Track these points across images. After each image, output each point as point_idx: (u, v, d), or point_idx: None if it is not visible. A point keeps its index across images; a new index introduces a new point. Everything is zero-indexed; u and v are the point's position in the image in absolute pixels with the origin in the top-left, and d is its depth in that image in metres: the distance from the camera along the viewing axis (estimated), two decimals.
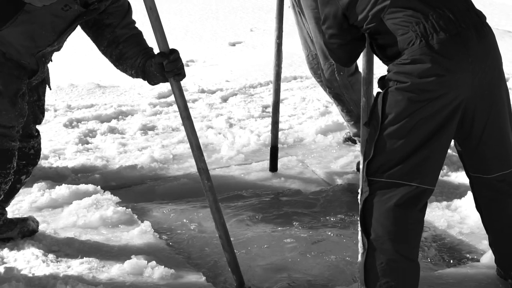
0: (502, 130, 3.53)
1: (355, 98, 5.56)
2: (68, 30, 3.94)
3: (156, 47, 3.88)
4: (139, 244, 4.36)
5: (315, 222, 4.81)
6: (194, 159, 3.93)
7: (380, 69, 3.92)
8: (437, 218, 4.67)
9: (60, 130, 6.53)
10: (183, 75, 3.87)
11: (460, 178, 5.19)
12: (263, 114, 6.95)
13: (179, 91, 3.85)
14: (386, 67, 3.50)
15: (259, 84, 8.11)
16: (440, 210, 4.77)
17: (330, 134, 6.27)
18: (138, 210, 4.94)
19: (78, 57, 9.36)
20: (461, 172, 5.25)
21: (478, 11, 3.49)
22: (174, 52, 3.83)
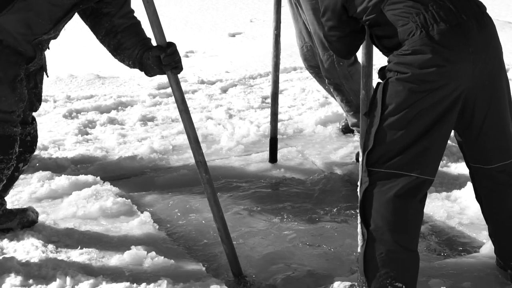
0: (503, 120, 3.53)
1: (355, 88, 5.57)
2: (65, 19, 3.93)
3: (153, 40, 3.88)
4: (139, 234, 4.36)
5: (315, 213, 4.81)
6: (192, 152, 3.94)
7: (380, 60, 3.92)
8: (436, 208, 4.67)
9: (59, 121, 6.53)
10: (181, 68, 3.88)
11: (460, 169, 5.19)
12: (263, 105, 6.95)
13: (177, 84, 3.86)
14: (385, 59, 3.50)
15: (259, 75, 8.11)
16: (439, 201, 4.77)
17: (330, 125, 6.27)
18: (137, 200, 4.94)
19: (78, 48, 9.37)
20: (461, 163, 5.25)
21: (478, 2, 3.48)
22: (171, 45, 3.83)
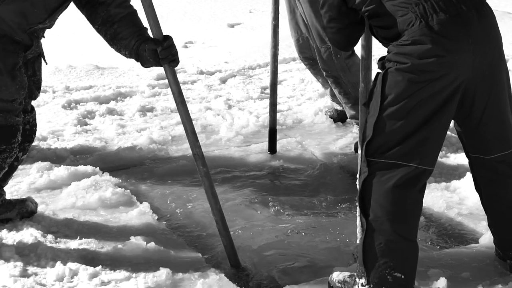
0: (502, 110, 3.53)
1: (353, 80, 5.58)
2: (60, 9, 3.93)
3: (150, 30, 3.87)
4: (138, 225, 4.36)
5: (313, 203, 4.82)
6: (189, 145, 3.94)
7: (379, 50, 3.91)
8: (436, 199, 4.67)
9: (58, 112, 6.52)
10: (178, 62, 3.89)
11: (459, 159, 5.19)
12: (262, 95, 6.94)
13: (173, 77, 3.86)
14: (385, 50, 3.49)
15: (258, 65, 8.10)
16: (439, 191, 4.77)
17: None
18: (136, 191, 4.94)
19: (77, 38, 9.35)
20: (460, 153, 5.24)
21: None
22: (167, 38, 3.83)
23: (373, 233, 3.44)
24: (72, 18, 4.20)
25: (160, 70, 7.47)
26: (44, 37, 4.13)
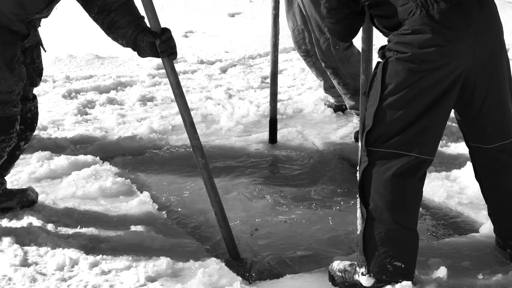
0: (503, 100, 3.52)
1: (351, 71, 5.58)
2: None
3: (147, 19, 3.87)
4: (138, 214, 4.36)
5: (314, 193, 4.81)
6: (188, 137, 3.94)
7: (380, 40, 3.90)
8: (436, 188, 4.67)
9: (59, 101, 6.52)
10: (176, 54, 3.91)
11: (459, 148, 5.19)
12: (262, 85, 6.94)
13: (171, 69, 3.87)
14: (385, 39, 3.48)
15: (258, 55, 8.09)
16: (439, 181, 4.77)
17: None
18: (137, 180, 4.94)
19: (77, 28, 9.33)
20: (460, 142, 5.24)
21: None
22: (166, 31, 3.83)
23: (373, 222, 3.44)
24: (72, 7, 4.19)
25: (160, 60, 7.48)
26: (40, 25, 4.12)
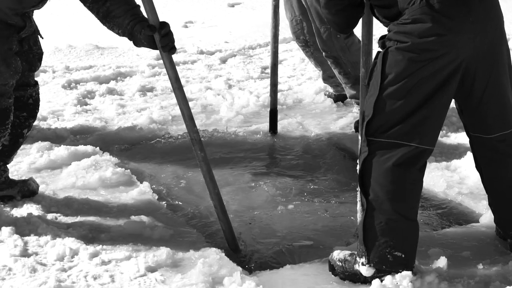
0: (503, 90, 3.52)
1: (352, 60, 5.57)
2: None
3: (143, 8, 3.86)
4: (138, 204, 4.36)
5: (314, 183, 4.81)
6: (187, 130, 3.94)
7: (380, 29, 3.89)
8: (436, 178, 4.67)
9: (58, 92, 6.52)
10: (176, 49, 3.90)
11: (459, 138, 5.18)
12: (262, 75, 6.93)
13: (170, 63, 3.86)
14: (385, 29, 3.47)
15: (258, 45, 8.09)
16: (439, 171, 4.77)
17: None
18: (137, 171, 4.94)
19: (76, 18, 9.31)
20: (460, 132, 5.24)
21: None
22: (165, 26, 3.82)
23: (373, 212, 3.44)
24: None
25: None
26: (33, 15, 4.13)
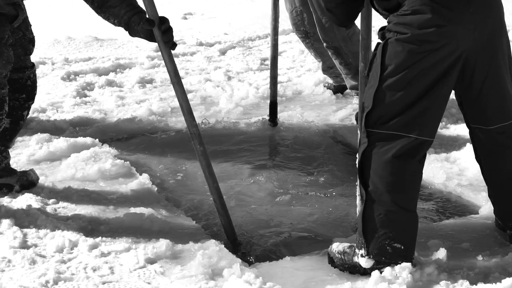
0: (503, 81, 3.51)
1: (354, 50, 5.57)
2: None
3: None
4: (138, 196, 4.36)
5: (313, 175, 4.81)
6: (186, 124, 3.94)
7: (379, 21, 3.88)
8: (436, 170, 4.67)
9: (57, 83, 6.51)
10: (176, 44, 3.90)
11: (459, 130, 5.18)
12: (262, 67, 6.93)
13: (169, 57, 3.86)
14: (385, 21, 3.47)
15: (258, 37, 8.08)
16: (439, 162, 4.76)
17: None
18: (136, 162, 4.94)
19: (76, 9, 9.29)
20: (460, 124, 5.23)
21: None
22: (165, 21, 3.81)
23: (372, 204, 3.43)
24: None
25: None
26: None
